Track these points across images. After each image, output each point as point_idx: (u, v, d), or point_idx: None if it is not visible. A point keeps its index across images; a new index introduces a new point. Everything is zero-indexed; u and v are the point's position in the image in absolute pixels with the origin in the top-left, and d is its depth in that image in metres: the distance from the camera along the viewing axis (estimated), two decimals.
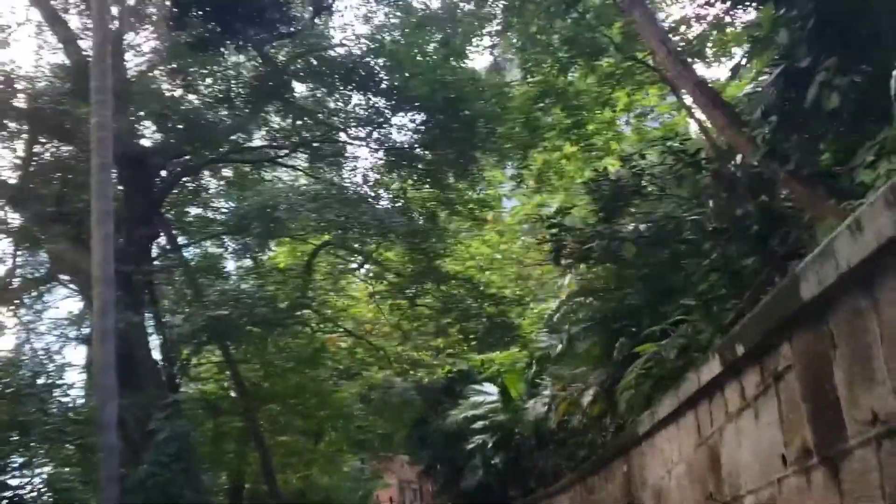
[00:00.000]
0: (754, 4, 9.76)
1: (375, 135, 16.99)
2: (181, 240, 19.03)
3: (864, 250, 2.69)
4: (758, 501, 4.39)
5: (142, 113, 16.37)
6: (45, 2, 16.54)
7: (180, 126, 16.21)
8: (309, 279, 18.55)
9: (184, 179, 18.59)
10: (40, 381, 12.47)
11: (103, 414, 10.59)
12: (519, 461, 28.38)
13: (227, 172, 19.74)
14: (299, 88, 18.08)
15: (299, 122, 17.55)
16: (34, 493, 10.90)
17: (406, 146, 16.59)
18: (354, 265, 24.27)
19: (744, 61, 11.45)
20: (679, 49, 12.83)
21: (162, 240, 17.99)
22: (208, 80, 17.35)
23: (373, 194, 16.85)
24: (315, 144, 17.32)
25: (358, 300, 28.10)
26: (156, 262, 16.54)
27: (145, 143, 17.29)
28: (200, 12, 15.40)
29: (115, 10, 16.02)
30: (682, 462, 6.24)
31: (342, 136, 17.43)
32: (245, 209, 15.85)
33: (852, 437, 3.11)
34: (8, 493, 10.40)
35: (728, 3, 12.34)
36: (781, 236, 9.14)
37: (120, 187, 16.26)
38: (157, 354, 15.50)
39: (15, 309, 17.77)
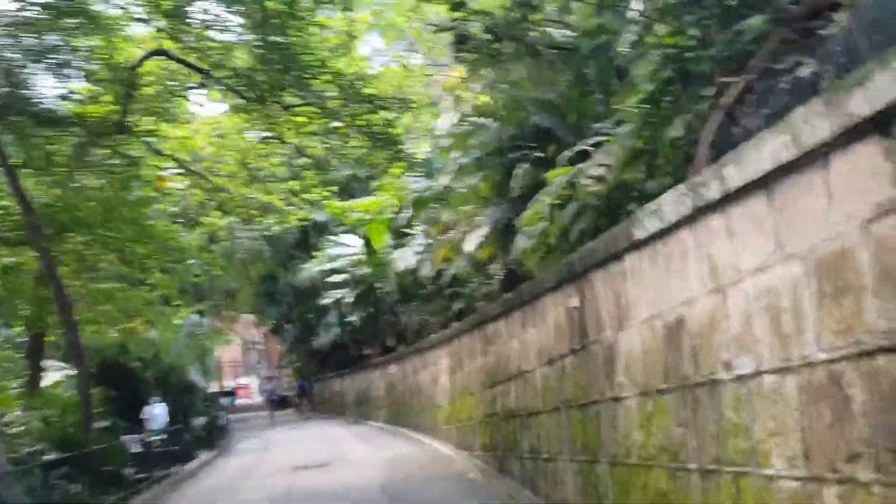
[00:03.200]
0: None
1: None
2: None
3: None
4: None
5: None
6: None
7: None
8: (132, 87, 14.26)
9: None
10: None
11: None
12: (378, 318, 26.33)
13: None
14: None
15: None
16: None
17: None
18: (192, 85, 19.84)
19: None
20: None
21: None
22: None
23: None
24: None
25: (197, 132, 23.86)
26: None
27: None
28: None
29: None
30: (787, 262, 3.41)
31: None
32: None
33: None
34: None
35: None
36: None
37: None
38: None
39: None
